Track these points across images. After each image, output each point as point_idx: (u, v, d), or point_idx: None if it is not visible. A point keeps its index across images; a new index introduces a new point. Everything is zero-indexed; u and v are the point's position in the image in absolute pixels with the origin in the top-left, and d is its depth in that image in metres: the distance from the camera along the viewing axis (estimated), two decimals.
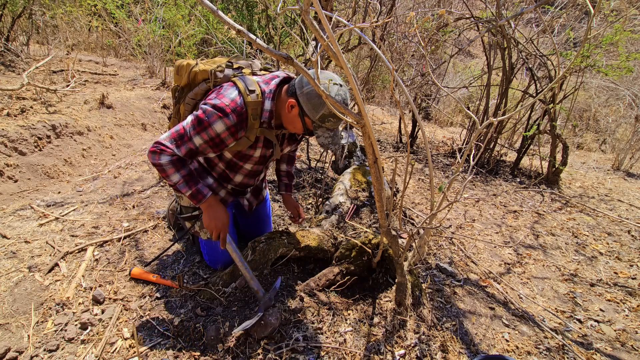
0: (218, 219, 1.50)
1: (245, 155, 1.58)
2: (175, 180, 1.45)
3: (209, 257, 1.82)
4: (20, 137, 2.76)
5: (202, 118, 1.37)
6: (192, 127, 1.39)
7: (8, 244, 1.88)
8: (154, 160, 1.41)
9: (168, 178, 1.45)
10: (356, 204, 2.18)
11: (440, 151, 4.49)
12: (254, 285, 1.51)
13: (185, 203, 1.75)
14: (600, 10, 3.01)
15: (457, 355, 1.45)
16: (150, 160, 1.42)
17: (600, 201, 3.32)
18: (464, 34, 4.12)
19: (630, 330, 1.73)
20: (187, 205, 1.74)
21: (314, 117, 1.39)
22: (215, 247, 1.76)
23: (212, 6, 0.79)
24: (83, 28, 5.76)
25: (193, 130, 1.39)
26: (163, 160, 1.41)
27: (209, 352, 1.38)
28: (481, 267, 2.11)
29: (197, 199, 1.49)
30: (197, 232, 1.77)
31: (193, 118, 1.40)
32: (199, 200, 1.49)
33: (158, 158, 1.40)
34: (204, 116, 1.37)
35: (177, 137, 1.41)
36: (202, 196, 1.49)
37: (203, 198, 1.50)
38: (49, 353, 1.36)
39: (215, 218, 1.50)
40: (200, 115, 1.38)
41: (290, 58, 0.87)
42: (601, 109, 6.70)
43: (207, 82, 1.55)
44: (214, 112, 1.36)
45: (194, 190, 1.48)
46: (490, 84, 3.63)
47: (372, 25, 0.88)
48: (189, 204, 1.73)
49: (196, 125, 1.39)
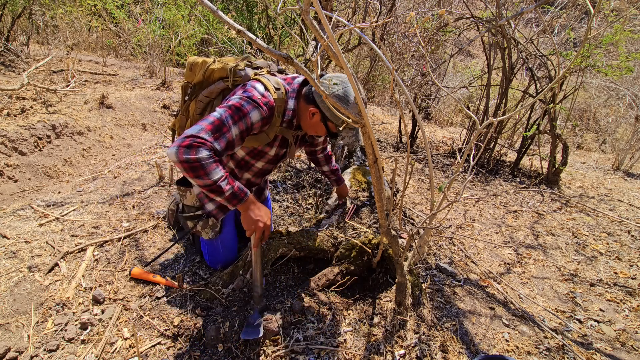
0: (262, 216, 1.38)
1: (261, 152, 1.57)
2: (215, 178, 1.24)
3: (210, 257, 1.81)
4: (20, 137, 2.77)
5: (239, 107, 1.30)
6: (230, 117, 1.28)
7: (8, 244, 1.88)
8: (189, 155, 1.17)
9: (207, 176, 1.22)
10: (356, 204, 2.18)
11: (440, 151, 4.49)
12: (259, 290, 1.50)
13: (188, 202, 1.68)
14: (600, 10, 3.01)
15: (457, 355, 1.45)
16: (182, 157, 1.17)
17: (600, 201, 3.32)
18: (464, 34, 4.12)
19: (630, 330, 1.73)
20: (191, 205, 1.69)
21: (337, 121, 1.40)
22: (217, 247, 1.76)
23: (212, 6, 0.79)
24: (83, 28, 5.76)
25: (231, 119, 1.28)
26: (202, 154, 1.19)
27: (209, 352, 1.38)
28: (481, 267, 2.11)
29: (238, 197, 1.32)
30: (199, 232, 1.74)
31: (228, 108, 1.29)
32: (241, 199, 1.33)
33: (195, 153, 1.18)
34: (241, 105, 1.31)
35: (214, 128, 1.24)
36: (244, 194, 1.34)
37: (245, 196, 1.34)
38: (49, 353, 1.36)
39: (259, 216, 1.37)
40: (237, 104, 1.30)
41: (290, 58, 0.87)
42: (601, 109, 6.70)
43: (224, 81, 1.50)
44: (250, 102, 1.32)
45: (236, 187, 1.31)
46: (490, 84, 3.63)
47: (372, 25, 0.88)
48: (193, 203, 1.67)
49: (234, 114, 1.29)
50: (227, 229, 1.77)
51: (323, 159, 1.99)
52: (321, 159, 1.98)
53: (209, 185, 1.25)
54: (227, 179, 1.29)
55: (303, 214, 2.45)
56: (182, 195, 1.69)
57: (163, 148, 3.40)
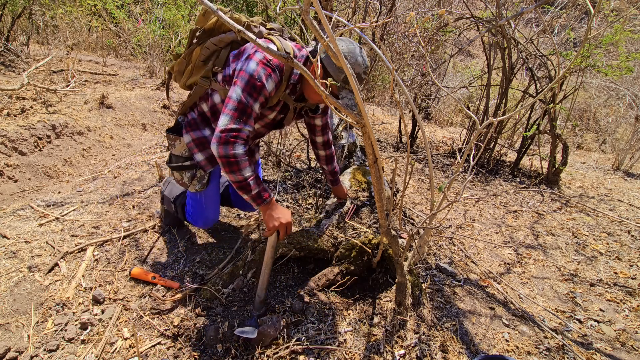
0: (282, 217, 1.45)
1: (261, 115, 1.59)
2: (247, 175, 1.37)
3: (192, 213, 1.82)
4: (20, 137, 2.76)
5: (254, 83, 1.34)
6: (249, 95, 1.34)
7: (8, 244, 1.88)
8: (227, 151, 1.31)
9: (240, 172, 1.35)
10: (356, 204, 2.18)
11: (440, 151, 4.49)
12: (262, 289, 1.49)
13: (177, 152, 1.70)
14: (600, 10, 3.01)
15: (457, 355, 1.45)
16: (222, 152, 1.32)
17: (600, 201, 3.32)
18: (464, 34, 4.12)
19: (630, 330, 1.73)
20: (179, 155, 1.69)
21: (338, 78, 1.39)
22: (201, 202, 1.76)
23: (212, 6, 0.79)
24: (83, 28, 5.76)
25: (251, 98, 1.35)
26: (239, 151, 1.33)
27: (209, 352, 1.38)
28: (481, 267, 2.11)
29: (262, 198, 1.43)
30: (186, 184, 1.73)
31: (244, 85, 1.34)
32: (264, 199, 1.43)
33: (232, 148, 1.32)
34: (256, 79, 1.33)
35: (240, 113, 1.34)
36: (268, 195, 1.44)
37: (268, 197, 1.44)
38: (49, 353, 1.36)
39: (280, 215, 1.45)
40: (252, 81, 1.33)
41: (290, 57, 0.87)
42: (601, 109, 6.70)
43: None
44: (262, 72, 1.34)
45: (262, 187, 1.43)
46: (490, 84, 3.63)
47: (372, 25, 0.88)
48: (182, 152, 1.68)
49: (252, 92, 1.35)
50: (212, 185, 1.78)
51: (323, 157, 1.96)
52: (321, 156, 1.96)
53: (240, 181, 1.38)
54: (256, 179, 1.41)
55: (303, 214, 2.45)
56: (172, 144, 1.71)
57: (163, 148, 3.40)
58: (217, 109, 1.60)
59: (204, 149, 1.66)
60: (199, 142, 1.65)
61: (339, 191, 2.09)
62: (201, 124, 1.65)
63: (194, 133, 1.65)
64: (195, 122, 1.66)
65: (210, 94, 1.60)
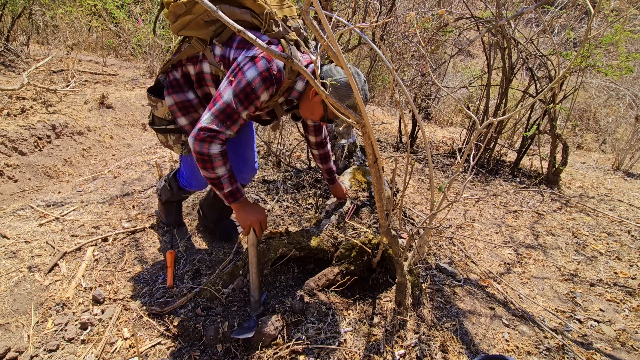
0: (253, 214, 1.46)
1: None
2: (220, 174, 1.37)
3: (186, 175, 1.81)
4: (20, 137, 2.76)
5: (250, 92, 1.30)
6: (240, 103, 1.31)
7: (8, 244, 1.88)
8: (202, 149, 1.31)
9: (212, 170, 1.35)
10: (356, 204, 2.18)
11: (440, 151, 4.49)
12: (254, 290, 1.49)
13: (160, 114, 1.61)
14: (600, 10, 3.01)
15: (457, 355, 1.45)
16: (197, 148, 1.31)
17: (600, 201, 3.32)
18: (464, 34, 4.12)
19: (630, 330, 1.73)
20: (162, 117, 1.61)
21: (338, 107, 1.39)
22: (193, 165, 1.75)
23: (212, 6, 0.79)
24: (83, 28, 5.76)
25: (241, 106, 1.31)
26: (214, 151, 1.32)
27: (209, 352, 1.38)
28: (481, 267, 2.11)
29: (234, 197, 1.44)
30: (171, 147, 1.68)
31: (239, 91, 1.30)
32: (236, 199, 1.44)
33: (207, 147, 1.31)
34: (253, 89, 1.29)
35: (226, 117, 1.31)
36: (240, 195, 1.45)
37: (241, 197, 1.46)
38: (49, 353, 1.36)
39: (250, 214, 1.46)
40: (247, 89, 1.29)
41: (291, 58, 0.87)
42: (601, 109, 6.69)
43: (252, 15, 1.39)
44: (261, 84, 1.30)
45: (234, 187, 1.42)
46: (490, 84, 3.63)
47: (372, 25, 0.88)
48: (165, 115, 1.61)
49: (244, 100, 1.31)
50: None
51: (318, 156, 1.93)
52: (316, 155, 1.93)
53: (212, 179, 1.38)
54: (230, 179, 1.40)
55: (303, 214, 2.45)
56: (154, 105, 1.61)
57: (163, 148, 3.40)
58: (204, 78, 1.52)
59: (187, 113, 1.57)
60: (182, 105, 1.55)
61: (337, 191, 2.07)
62: (185, 86, 1.56)
63: (176, 95, 1.54)
64: (178, 84, 1.55)
65: (201, 59, 1.49)
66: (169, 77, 1.56)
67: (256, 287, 1.49)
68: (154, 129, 1.66)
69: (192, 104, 1.56)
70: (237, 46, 1.40)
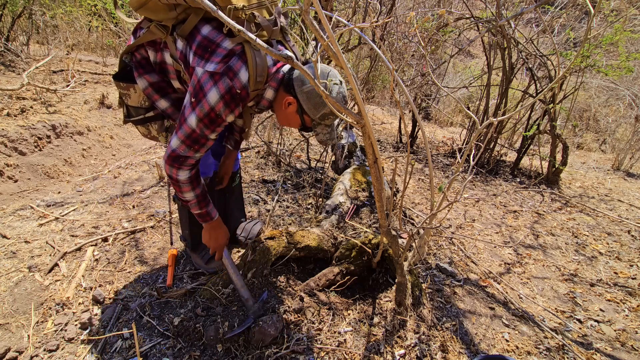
0: (218, 240, 1.52)
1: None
2: (188, 199, 1.37)
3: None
4: (20, 137, 2.77)
5: (214, 117, 1.21)
6: (206, 127, 1.23)
7: (8, 244, 1.88)
8: (171, 173, 1.30)
9: (181, 194, 1.36)
10: (356, 204, 2.18)
11: (440, 151, 4.49)
12: (243, 293, 1.50)
13: (134, 103, 1.45)
14: (600, 10, 3.01)
15: (457, 355, 1.45)
16: (167, 172, 1.31)
17: (600, 201, 3.32)
18: (464, 34, 4.12)
19: (630, 330, 1.73)
20: (138, 106, 1.46)
21: (314, 115, 1.30)
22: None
23: (212, 6, 0.79)
24: (83, 28, 5.76)
25: (208, 129, 1.25)
26: (181, 177, 1.31)
27: (209, 352, 1.38)
28: (481, 267, 2.11)
29: (203, 219, 1.46)
30: (156, 138, 1.56)
31: (202, 116, 1.20)
32: (205, 221, 1.47)
33: (176, 173, 1.30)
34: (217, 114, 1.21)
35: (193, 142, 1.26)
36: (210, 218, 1.47)
37: (210, 220, 1.47)
38: (49, 353, 1.36)
39: (216, 239, 1.52)
40: (211, 114, 1.21)
41: (291, 58, 0.87)
42: (601, 109, 6.69)
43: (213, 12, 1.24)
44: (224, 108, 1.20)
45: (204, 211, 1.44)
46: (490, 84, 3.63)
47: (372, 25, 0.88)
48: (140, 103, 1.45)
49: (210, 124, 1.23)
50: None
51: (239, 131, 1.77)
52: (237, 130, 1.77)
53: (182, 200, 1.40)
54: (199, 203, 1.41)
55: (303, 214, 2.45)
56: (125, 94, 1.43)
57: (163, 148, 3.40)
58: (167, 69, 1.39)
59: (165, 93, 1.42)
60: (158, 86, 1.40)
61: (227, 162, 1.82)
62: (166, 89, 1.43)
63: (149, 76, 1.37)
64: (148, 62, 1.38)
65: (162, 47, 1.35)
66: (135, 56, 1.38)
67: (241, 286, 1.50)
68: (132, 122, 1.50)
69: (167, 83, 1.43)
70: (196, 51, 1.22)
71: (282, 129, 3.55)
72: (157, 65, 1.39)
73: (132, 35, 1.41)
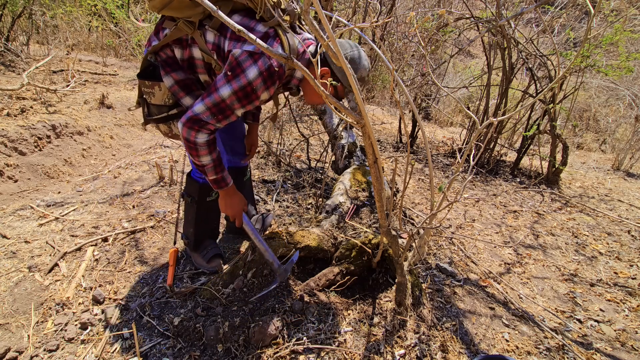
0: (234, 206, 1.53)
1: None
2: (204, 162, 1.38)
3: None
4: (20, 137, 2.76)
5: (249, 92, 1.26)
6: (238, 101, 1.27)
7: (8, 244, 1.88)
8: (189, 136, 1.30)
9: (197, 158, 1.36)
10: (356, 204, 2.18)
11: (440, 151, 4.49)
12: (269, 257, 1.55)
13: (157, 101, 1.48)
14: (600, 10, 3.01)
15: (457, 355, 1.45)
16: (184, 134, 1.31)
17: (600, 201, 3.32)
18: (464, 34, 4.12)
19: (630, 330, 1.73)
20: (161, 104, 1.49)
21: (346, 82, 1.37)
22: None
23: (212, 6, 0.79)
24: (83, 28, 5.76)
25: (238, 103, 1.28)
26: (200, 140, 1.31)
27: (209, 352, 1.38)
28: (481, 267, 2.11)
29: (219, 185, 1.46)
30: (177, 136, 1.57)
31: (238, 89, 1.25)
32: (221, 187, 1.48)
33: (194, 136, 1.30)
34: (253, 89, 1.25)
35: (219, 111, 1.28)
36: (225, 184, 1.48)
37: (225, 186, 1.48)
38: (49, 353, 1.36)
39: (232, 205, 1.53)
40: (247, 89, 1.25)
41: (290, 57, 0.87)
42: (601, 109, 6.69)
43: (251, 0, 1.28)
44: (262, 84, 1.26)
45: (220, 176, 1.44)
46: (490, 84, 3.63)
47: (372, 25, 0.88)
48: (164, 101, 1.48)
49: (243, 99, 1.27)
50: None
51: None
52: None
53: (198, 165, 1.40)
54: (215, 168, 1.41)
55: (303, 214, 2.45)
56: (149, 92, 1.47)
57: (163, 148, 3.40)
58: (195, 64, 1.45)
59: (190, 91, 1.46)
60: (184, 84, 1.44)
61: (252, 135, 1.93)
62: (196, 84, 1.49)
63: (176, 74, 1.42)
64: (174, 61, 1.44)
65: (190, 44, 1.39)
66: (160, 56, 1.44)
67: (265, 250, 1.55)
68: (154, 120, 1.52)
69: (193, 80, 1.48)
70: (232, 36, 1.31)
71: (282, 128, 3.55)
72: (184, 62, 1.44)
73: (154, 36, 1.46)
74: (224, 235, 2.16)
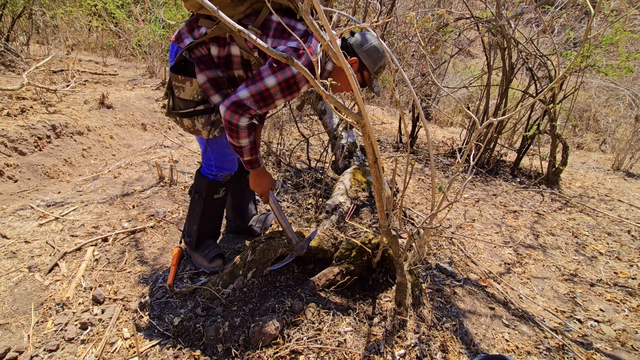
0: (263, 185, 1.63)
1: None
2: (243, 144, 1.46)
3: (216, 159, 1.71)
4: (20, 137, 2.77)
5: (292, 85, 1.37)
6: (281, 91, 1.37)
7: (8, 244, 1.88)
8: (232, 119, 1.38)
9: (237, 140, 1.44)
10: (356, 204, 2.18)
11: (440, 151, 4.49)
12: (289, 233, 1.66)
13: (186, 96, 1.51)
14: (600, 10, 3.01)
15: (457, 355, 1.45)
16: (227, 117, 1.38)
17: (600, 201, 3.32)
18: (464, 34, 4.12)
19: (630, 330, 1.73)
20: (189, 99, 1.51)
21: (372, 69, 1.48)
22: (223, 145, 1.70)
23: (212, 6, 0.79)
24: (83, 28, 5.76)
25: (281, 94, 1.38)
26: (242, 124, 1.39)
27: (209, 352, 1.38)
28: (481, 267, 2.11)
29: (252, 166, 1.56)
30: (199, 132, 1.60)
31: (282, 80, 1.35)
32: (254, 167, 1.57)
33: (237, 119, 1.38)
34: (297, 81, 1.36)
35: (262, 99, 1.38)
36: (258, 165, 1.57)
37: (258, 167, 1.58)
38: (49, 353, 1.36)
39: (260, 184, 1.62)
40: (291, 81, 1.36)
41: (291, 58, 0.87)
42: (601, 109, 6.69)
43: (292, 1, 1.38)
44: (303, 77, 1.36)
45: (254, 157, 1.53)
46: (490, 84, 3.63)
47: (372, 25, 0.88)
48: (192, 97, 1.51)
49: (285, 90, 1.37)
50: None
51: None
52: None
53: (235, 146, 1.48)
54: (251, 150, 1.50)
55: (303, 214, 2.45)
56: (180, 87, 1.49)
57: (163, 148, 3.40)
58: (232, 61, 1.51)
59: (219, 89, 1.51)
60: (215, 82, 1.49)
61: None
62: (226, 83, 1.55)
63: (209, 72, 1.47)
64: (209, 59, 1.49)
65: (229, 42, 1.46)
66: (195, 53, 1.48)
67: (287, 227, 1.66)
68: (180, 115, 1.54)
69: (223, 80, 1.54)
70: (274, 34, 1.40)
71: (282, 128, 3.55)
72: (220, 59, 1.52)
73: (187, 34, 1.50)
74: (224, 235, 2.17)
